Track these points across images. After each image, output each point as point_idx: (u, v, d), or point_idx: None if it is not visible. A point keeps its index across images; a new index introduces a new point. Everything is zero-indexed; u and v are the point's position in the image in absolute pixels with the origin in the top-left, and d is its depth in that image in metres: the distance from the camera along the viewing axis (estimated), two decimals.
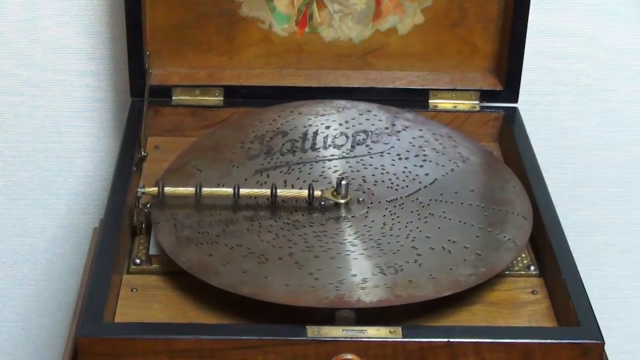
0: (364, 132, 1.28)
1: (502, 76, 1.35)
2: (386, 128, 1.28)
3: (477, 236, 1.12)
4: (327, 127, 1.29)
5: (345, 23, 1.34)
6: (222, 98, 1.35)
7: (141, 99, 1.30)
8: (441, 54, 1.36)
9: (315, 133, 1.28)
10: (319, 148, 1.26)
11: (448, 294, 1.03)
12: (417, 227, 1.13)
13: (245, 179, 1.21)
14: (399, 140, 1.27)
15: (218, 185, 1.18)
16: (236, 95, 1.35)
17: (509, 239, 1.11)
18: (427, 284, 1.04)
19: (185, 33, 1.33)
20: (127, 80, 1.34)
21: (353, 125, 1.29)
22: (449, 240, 1.11)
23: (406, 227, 1.14)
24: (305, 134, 1.28)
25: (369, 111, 1.31)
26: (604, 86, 1.48)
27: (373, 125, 1.29)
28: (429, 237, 1.12)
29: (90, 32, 1.41)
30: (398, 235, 1.12)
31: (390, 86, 1.36)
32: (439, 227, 1.13)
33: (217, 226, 1.14)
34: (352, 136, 1.27)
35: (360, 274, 1.06)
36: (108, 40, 1.42)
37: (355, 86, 1.36)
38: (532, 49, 1.41)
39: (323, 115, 1.30)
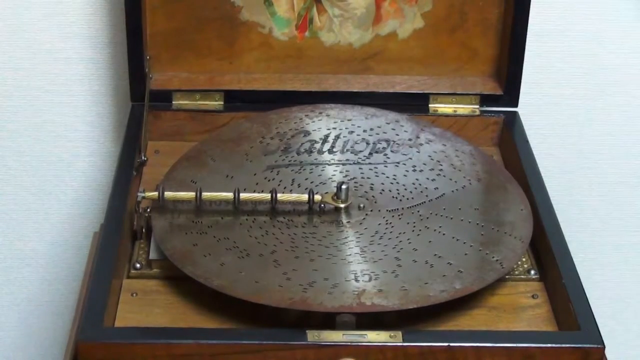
0: (386, 141, 1.27)
1: (502, 80, 1.35)
2: (409, 139, 1.28)
3: (466, 254, 1.11)
4: (351, 132, 1.29)
5: (345, 27, 1.34)
6: (222, 102, 1.35)
7: (141, 103, 1.30)
8: (441, 58, 1.36)
9: (337, 137, 1.28)
10: (336, 151, 1.26)
11: (412, 307, 1.03)
12: (408, 239, 1.13)
13: (255, 174, 1.21)
14: (418, 152, 1.26)
15: (227, 177, 1.20)
16: (236, 100, 1.35)
17: (496, 260, 1.10)
18: (395, 295, 1.04)
19: (185, 37, 1.33)
20: (127, 85, 1.34)
21: (377, 133, 1.29)
22: (435, 254, 1.10)
23: (397, 237, 1.13)
24: (327, 136, 1.28)
25: (397, 121, 1.30)
26: (605, 90, 1.48)
27: (397, 135, 1.28)
28: (416, 250, 1.11)
29: (90, 37, 1.41)
30: (386, 245, 1.12)
31: (391, 90, 1.36)
32: (430, 241, 1.13)
33: (212, 216, 1.14)
34: (373, 144, 1.27)
35: (333, 278, 1.06)
36: (108, 44, 1.42)
37: (356, 90, 1.36)
38: (532, 53, 1.41)
39: (350, 120, 1.30)
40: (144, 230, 1.16)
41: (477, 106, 1.36)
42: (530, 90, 1.45)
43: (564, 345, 1.00)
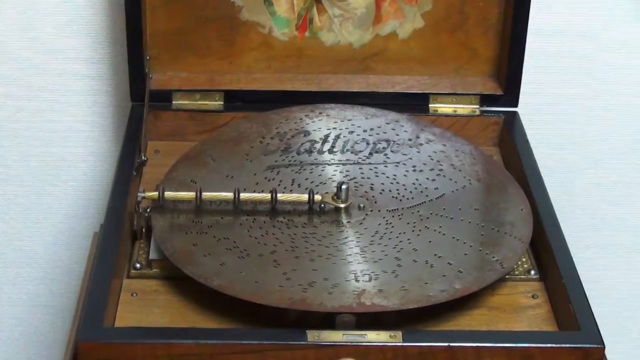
0: (386, 141, 1.27)
1: (502, 80, 1.35)
2: (409, 139, 1.28)
3: (465, 254, 1.11)
4: (351, 132, 1.29)
5: (345, 27, 1.34)
6: (222, 102, 1.35)
7: (141, 103, 1.30)
8: (441, 58, 1.36)
9: (337, 137, 1.28)
10: (336, 151, 1.26)
11: (412, 307, 1.03)
12: (408, 239, 1.13)
13: (255, 174, 1.21)
14: (419, 152, 1.26)
15: (227, 177, 1.20)
16: (236, 100, 1.35)
17: (497, 260, 1.10)
18: (395, 295, 1.04)
19: (185, 37, 1.33)
20: (127, 85, 1.34)
21: (377, 133, 1.29)
22: (435, 254, 1.10)
23: (397, 237, 1.13)
24: (327, 136, 1.28)
25: (396, 121, 1.30)
26: (605, 90, 1.48)
27: (397, 135, 1.28)
28: (416, 250, 1.11)
29: (90, 36, 1.41)
30: (386, 245, 1.12)
31: (391, 90, 1.36)
32: (429, 241, 1.13)
33: (212, 216, 1.14)
34: (373, 144, 1.27)
35: (333, 278, 1.06)
36: (108, 44, 1.42)
37: (356, 90, 1.36)
38: (532, 52, 1.41)
39: (350, 120, 1.30)
40: (144, 230, 1.16)
41: (477, 106, 1.36)
42: (530, 90, 1.45)
43: (563, 345, 1.00)
